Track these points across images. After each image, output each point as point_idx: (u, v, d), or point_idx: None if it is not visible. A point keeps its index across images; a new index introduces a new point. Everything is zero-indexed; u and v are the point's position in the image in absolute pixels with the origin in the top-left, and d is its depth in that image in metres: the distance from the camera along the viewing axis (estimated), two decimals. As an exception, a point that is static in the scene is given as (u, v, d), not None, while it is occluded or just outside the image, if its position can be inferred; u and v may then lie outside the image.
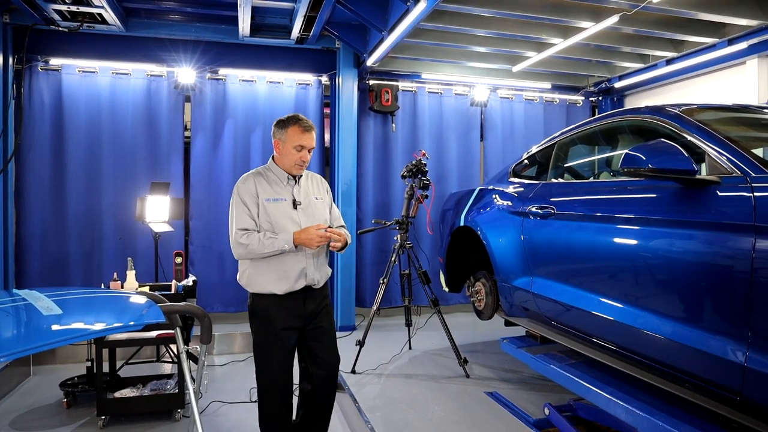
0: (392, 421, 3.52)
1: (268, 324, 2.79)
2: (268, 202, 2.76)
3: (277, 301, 2.77)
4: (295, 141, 2.75)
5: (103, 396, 3.66)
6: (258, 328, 2.83)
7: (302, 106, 6.38)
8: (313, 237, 2.69)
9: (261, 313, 2.80)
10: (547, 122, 7.21)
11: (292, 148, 2.76)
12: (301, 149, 2.77)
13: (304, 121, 2.79)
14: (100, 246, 5.78)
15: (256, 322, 2.84)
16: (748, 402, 2.01)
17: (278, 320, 2.78)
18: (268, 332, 2.79)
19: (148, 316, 2.23)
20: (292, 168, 2.81)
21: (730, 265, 2.06)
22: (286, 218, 2.77)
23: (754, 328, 1.96)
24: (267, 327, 2.79)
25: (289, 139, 2.76)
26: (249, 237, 2.69)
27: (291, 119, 2.80)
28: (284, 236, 2.69)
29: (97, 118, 5.78)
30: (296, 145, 2.75)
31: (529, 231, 3.46)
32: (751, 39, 5.02)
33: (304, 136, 2.77)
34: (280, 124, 2.81)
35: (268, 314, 2.78)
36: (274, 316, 2.78)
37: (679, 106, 2.78)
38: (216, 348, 5.34)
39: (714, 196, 2.19)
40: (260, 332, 2.82)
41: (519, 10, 4.77)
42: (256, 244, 2.67)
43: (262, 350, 2.82)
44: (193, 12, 5.68)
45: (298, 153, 2.77)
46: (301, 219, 2.79)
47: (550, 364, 3.25)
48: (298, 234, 2.70)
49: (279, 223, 2.75)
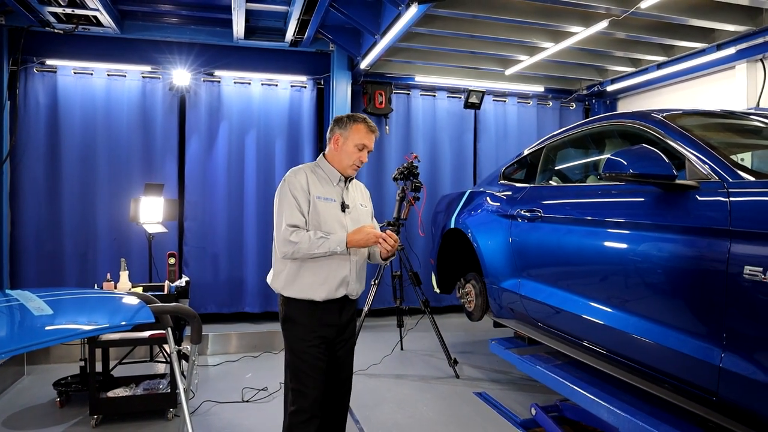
0: (381, 421, 3.56)
1: (307, 332, 2.52)
2: (319, 201, 2.52)
3: (314, 308, 2.53)
4: (359, 139, 2.57)
5: (96, 395, 3.68)
6: (294, 337, 2.55)
7: (297, 108, 6.44)
8: (369, 235, 2.46)
9: (299, 320, 2.54)
10: (540, 125, 7.28)
11: (353, 146, 2.56)
12: (363, 149, 2.58)
13: (370, 121, 2.63)
14: (95, 247, 5.81)
15: (292, 329, 2.56)
16: (724, 402, 2.06)
17: (317, 329, 2.53)
18: (306, 341, 2.52)
19: (138, 316, 2.27)
20: (347, 168, 2.60)
21: (707, 269, 2.11)
22: (335, 220, 2.54)
23: (729, 330, 2.01)
24: (305, 335, 2.52)
25: (352, 137, 2.56)
26: (299, 234, 2.43)
27: (357, 117, 2.61)
28: (337, 237, 2.46)
29: (92, 119, 5.82)
30: (359, 144, 2.56)
31: (517, 234, 3.51)
32: (739, 44, 5.09)
33: (369, 137, 2.59)
34: (344, 120, 2.61)
35: (306, 322, 2.53)
36: (313, 325, 2.53)
37: (664, 111, 2.83)
38: (210, 348, 5.37)
39: (693, 201, 2.24)
40: (296, 341, 2.54)
41: (510, 14, 4.82)
42: (306, 243, 2.41)
43: (299, 360, 2.53)
44: (188, 15, 5.72)
45: (358, 153, 2.57)
46: (348, 224, 2.57)
47: (536, 365, 3.30)
48: (352, 235, 2.47)
49: (327, 224, 2.51)
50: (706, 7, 4.74)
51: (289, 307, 2.56)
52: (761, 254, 1.89)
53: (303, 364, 2.52)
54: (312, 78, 6.46)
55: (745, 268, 1.92)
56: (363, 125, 2.57)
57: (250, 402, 4.05)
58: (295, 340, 2.54)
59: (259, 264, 6.27)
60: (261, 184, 6.29)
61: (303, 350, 2.52)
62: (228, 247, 6.23)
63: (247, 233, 6.27)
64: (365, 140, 2.57)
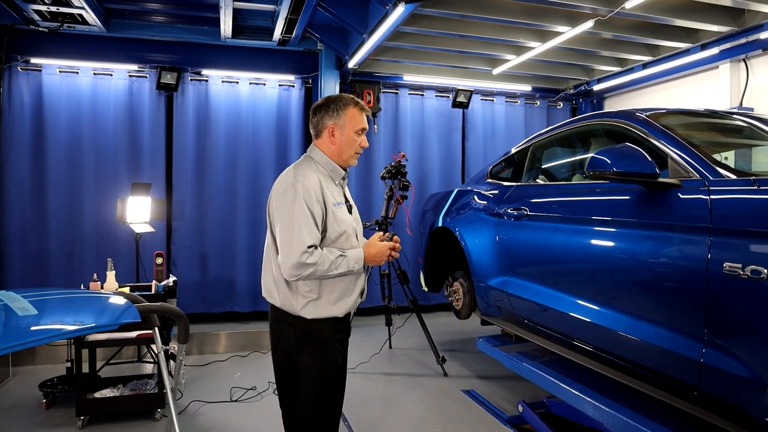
0: (370, 419, 3.58)
1: (331, 353, 2.24)
2: (336, 208, 2.21)
3: (334, 324, 2.24)
4: (356, 124, 2.27)
5: (83, 396, 3.66)
6: (318, 361, 2.22)
7: (285, 108, 6.43)
8: (384, 252, 2.26)
9: (319, 342, 2.21)
10: (528, 124, 7.32)
11: (353, 133, 2.27)
12: (362, 133, 2.31)
13: (359, 100, 2.33)
14: (81, 247, 5.78)
15: (316, 353, 2.21)
16: (705, 396, 2.10)
17: (338, 348, 2.27)
18: (331, 364, 2.24)
19: (124, 316, 2.26)
20: (350, 159, 2.31)
21: (689, 266, 2.14)
22: (350, 227, 2.26)
23: (709, 326, 2.05)
24: (330, 358, 2.23)
25: (349, 124, 2.26)
26: (315, 255, 2.08)
27: (344, 99, 2.30)
28: (354, 254, 2.18)
29: (78, 118, 5.78)
30: (358, 129, 2.28)
31: (503, 232, 3.53)
32: (723, 44, 5.16)
33: (364, 118, 2.31)
34: (332, 107, 2.27)
35: (326, 342, 2.22)
36: (335, 344, 2.25)
37: (648, 110, 2.86)
38: (198, 348, 5.35)
39: (675, 199, 2.27)
40: (322, 366, 2.22)
41: (497, 14, 4.85)
42: (325, 265, 2.09)
43: (327, 386, 2.24)
44: (175, 13, 5.70)
45: (358, 139, 2.29)
46: (357, 227, 2.33)
47: (523, 362, 3.33)
48: (367, 249, 2.23)
49: (348, 234, 2.23)
50: (690, 8, 4.79)
51: (312, 327, 2.20)
52: (741, 251, 1.92)
53: (332, 380, 2.25)
54: (300, 77, 6.45)
55: (724, 264, 1.95)
56: (356, 108, 2.28)
57: (239, 401, 4.05)
58: (321, 364, 2.22)
59: (248, 263, 6.26)
60: (250, 183, 6.27)
61: (330, 372, 2.24)
62: (217, 246, 6.21)
63: (236, 232, 6.25)
64: (363, 123, 2.30)
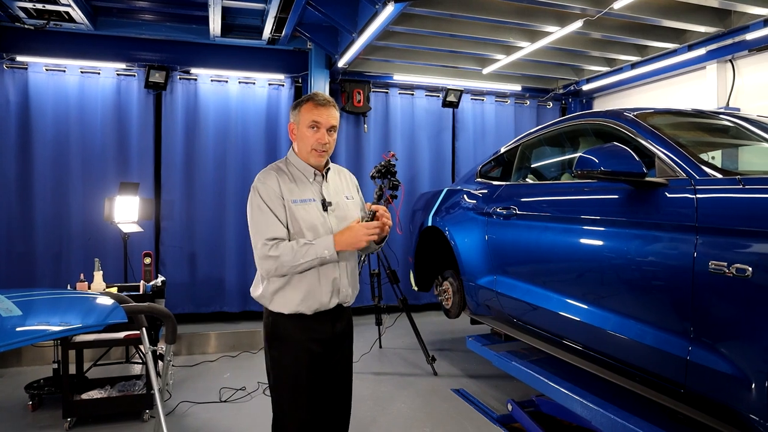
0: (359, 418, 3.57)
1: (296, 351, 2.22)
2: (296, 205, 2.21)
3: (304, 322, 2.22)
4: (308, 118, 2.21)
5: (69, 398, 3.63)
6: (280, 357, 2.24)
7: (274, 107, 6.41)
8: (359, 234, 2.18)
9: (285, 338, 2.23)
10: (517, 123, 7.35)
11: (306, 128, 2.22)
12: (316, 127, 2.21)
13: (319, 95, 2.26)
14: (68, 247, 5.72)
15: (277, 348, 2.25)
16: (691, 394, 2.12)
17: (307, 347, 2.23)
18: (296, 363, 2.22)
19: (111, 317, 2.24)
20: (310, 156, 2.25)
21: (676, 265, 2.15)
22: (318, 224, 2.22)
23: (695, 323, 2.06)
24: (294, 355, 2.22)
25: (302, 119, 2.22)
26: (279, 247, 2.12)
27: (305, 97, 2.27)
28: (323, 241, 2.15)
29: (65, 116, 5.73)
30: (309, 123, 2.21)
31: (492, 231, 3.54)
32: (710, 45, 5.20)
33: (317, 111, 2.21)
34: (294, 107, 2.29)
35: (295, 339, 2.22)
36: (303, 341, 2.22)
37: (635, 110, 2.88)
38: (188, 348, 5.32)
39: (662, 198, 2.29)
40: (284, 363, 2.24)
41: (487, 13, 4.86)
42: (289, 255, 2.10)
43: (286, 386, 2.24)
44: (163, 11, 5.66)
45: (313, 134, 2.21)
46: (333, 224, 2.26)
47: (512, 361, 3.34)
48: (339, 236, 2.17)
49: (311, 231, 2.21)
50: (678, 9, 4.83)
51: (275, 321, 2.25)
52: (726, 249, 1.94)
53: (292, 380, 2.23)
54: (290, 76, 6.43)
55: (710, 263, 1.97)
56: (310, 103, 2.23)
57: (228, 402, 4.03)
58: (283, 360, 2.24)
59: (238, 263, 6.23)
60: (239, 183, 6.24)
61: (293, 371, 2.22)
62: (206, 246, 6.18)
63: (225, 232, 6.22)
64: (314, 116, 2.21)
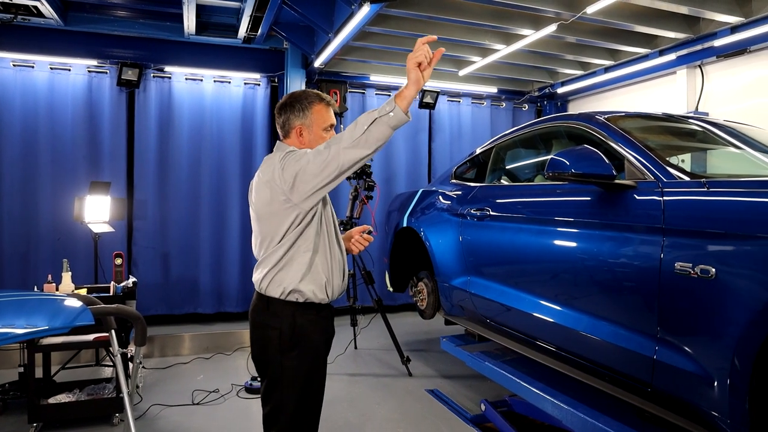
0: (332, 420, 3.56)
1: (316, 354, 2.05)
2: None
3: (315, 315, 2.06)
4: (325, 121, 2.16)
5: (36, 402, 3.54)
6: (300, 365, 2.00)
7: (250, 106, 6.35)
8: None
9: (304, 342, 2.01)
10: (493, 125, 7.41)
11: (321, 131, 2.16)
12: (330, 129, 2.19)
13: (325, 95, 2.21)
14: (36, 247, 5.59)
15: (295, 358, 2.00)
16: (658, 392, 2.15)
17: (323, 348, 2.09)
18: (317, 365, 2.05)
19: (78, 319, 2.18)
20: None
21: (644, 266, 2.19)
22: (326, 217, 2.15)
23: (662, 323, 2.10)
24: (313, 359, 2.04)
25: (317, 121, 2.15)
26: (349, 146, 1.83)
27: (309, 96, 2.17)
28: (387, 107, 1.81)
29: (33, 113, 5.59)
30: (326, 126, 2.17)
31: (466, 232, 3.56)
32: (680, 51, 5.31)
33: (329, 113, 2.18)
34: (297, 106, 2.15)
35: (315, 342, 2.05)
36: (321, 344, 2.08)
37: (607, 113, 2.92)
38: (160, 350, 5.24)
39: (631, 200, 2.33)
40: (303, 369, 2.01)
41: (462, 16, 4.88)
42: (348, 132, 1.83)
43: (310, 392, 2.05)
44: (136, 8, 5.57)
45: (327, 135, 2.16)
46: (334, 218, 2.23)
47: (485, 361, 3.36)
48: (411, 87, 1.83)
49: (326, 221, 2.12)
50: (649, 15, 4.92)
51: (291, 314, 2.01)
52: (691, 250, 1.98)
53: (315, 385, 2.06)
54: (266, 75, 6.39)
55: (676, 264, 2.01)
56: (321, 104, 2.17)
57: (201, 404, 3.98)
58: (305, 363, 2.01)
59: (212, 264, 6.16)
60: (214, 182, 6.18)
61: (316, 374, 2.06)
62: (180, 246, 6.09)
63: (200, 232, 6.15)
64: (330, 119, 2.18)
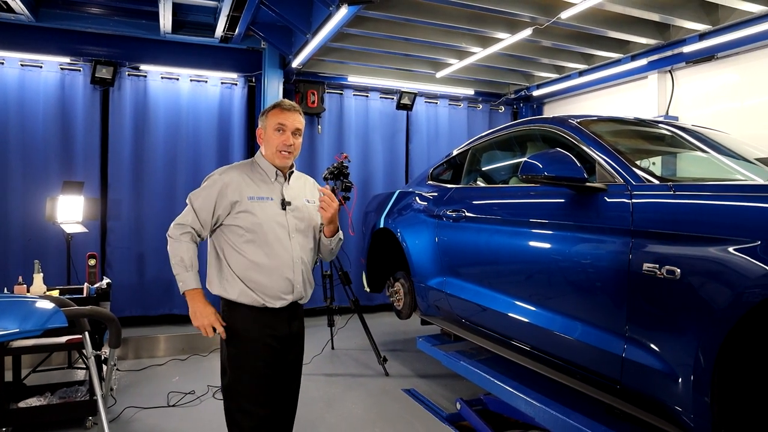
0: (309, 420, 3.56)
1: (256, 346, 2.31)
2: (252, 201, 2.33)
3: (257, 315, 2.33)
4: (275, 121, 2.36)
5: (5, 406, 3.48)
6: (237, 354, 2.32)
7: (227, 105, 6.32)
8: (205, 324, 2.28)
9: (244, 334, 2.32)
10: (470, 127, 7.49)
11: (272, 131, 2.37)
12: (282, 129, 2.35)
13: (285, 102, 2.43)
14: (6, 248, 5.48)
15: (236, 346, 2.33)
16: (627, 390, 2.22)
17: (265, 342, 2.33)
18: (254, 358, 2.31)
19: (51, 321, 2.16)
20: (275, 157, 2.38)
21: (613, 267, 2.25)
22: (273, 221, 2.34)
23: (630, 323, 2.16)
24: (253, 351, 2.31)
25: (270, 123, 2.38)
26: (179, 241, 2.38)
27: (272, 104, 2.44)
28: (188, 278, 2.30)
29: (3, 111, 5.49)
30: (275, 125, 2.35)
31: (442, 233, 3.60)
32: (651, 56, 5.45)
33: (284, 115, 2.36)
34: (262, 114, 2.45)
35: (254, 335, 2.31)
36: (261, 338, 2.32)
37: (579, 117, 2.98)
38: (135, 352, 5.18)
39: (601, 202, 2.39)
40: (242, 358, 2.31)
41: (439, 18, 4.93)
42: (174, 250, 2.36)
43: (244, 382, 2.31)
44: (111, 5, 5.50)
45: (279, 136, 2.35)
46: (290, 222, 2.38)
47: (461, 360, 3.41)
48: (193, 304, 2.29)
49: (265, 225, 2.32)
50: (622, 21, 5.04)
51: (227, 311, 2.35)
52: (658, 251, 2.04)
53: (248, 379, 2.31)
54: (243, 75, 6.36)
55: (644, 264, 2.07)
56: (277, 108, 2.40)
57: (176, 406, 3.95)
58: (240, 355, 2.32)
59: (187, 265, 6.10)
60: (190, 182, 6.11)
61: (246, 364, 2.31)
62: (155, 246, 6.02)
63: (174, 233, 6.08)
64: (280, 119, 2.36)
